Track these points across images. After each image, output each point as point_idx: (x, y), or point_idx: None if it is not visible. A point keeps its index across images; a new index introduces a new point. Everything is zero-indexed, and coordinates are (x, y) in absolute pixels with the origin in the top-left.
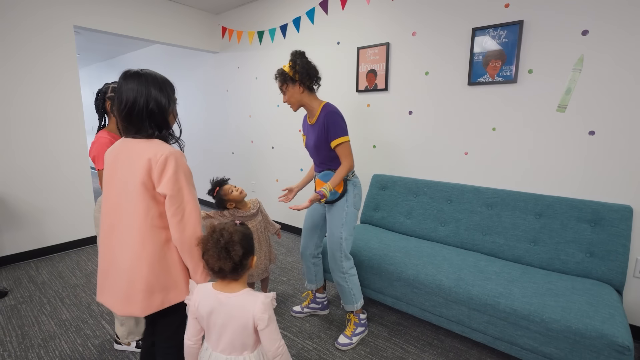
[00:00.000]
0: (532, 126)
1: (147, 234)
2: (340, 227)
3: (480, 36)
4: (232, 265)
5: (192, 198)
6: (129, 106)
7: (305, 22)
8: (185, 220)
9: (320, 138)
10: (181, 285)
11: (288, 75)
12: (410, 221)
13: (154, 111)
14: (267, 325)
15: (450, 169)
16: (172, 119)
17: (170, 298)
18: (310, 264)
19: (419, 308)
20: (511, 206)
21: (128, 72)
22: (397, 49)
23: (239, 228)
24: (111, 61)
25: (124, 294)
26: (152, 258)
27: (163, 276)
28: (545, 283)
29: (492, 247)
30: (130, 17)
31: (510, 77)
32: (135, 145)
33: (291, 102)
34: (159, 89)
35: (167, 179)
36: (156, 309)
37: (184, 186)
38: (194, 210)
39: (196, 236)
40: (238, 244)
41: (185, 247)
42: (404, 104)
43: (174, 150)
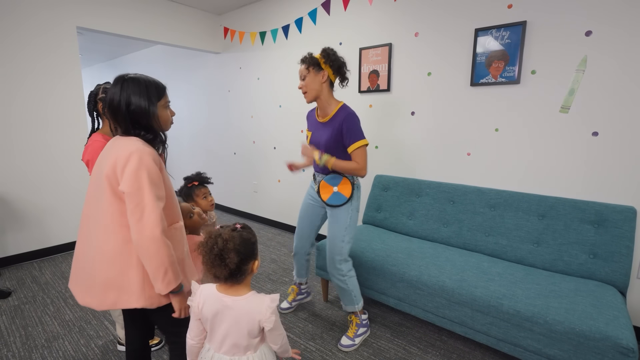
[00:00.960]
0: (535, 127)
1: (110, 229)
2: (344, 230)
3: (483, 37)
4: (228, 272)
5: (153, 199)
6: (112, 109)
7: (308, 22)
8: (143, 221)
9: (335, 139)
10: (135, 290)
11: (316, 60)
12: (413, 222)
13: (136, 113)
14: (274, 327)
15: (453, 169)
16: (157, 123)
17: (123, 300)
18: (303, 261)
19: (421, 309)
20: (514, 207)
21: (116, 78)
22: (399, 50)
23: (235, 234)
24: (113, 62)
25: (85, 284)
26: (112, 254)
27: (120, 276)
28: (549, 284)
29: (495, 248)
30: (132, 18)
31: (513, 78)
32: (116, 142)
33: (308, 90)
34: (139, 93)
35: (126, 176)
36: (109, 307)
37: (145, 185)
38: (153, 211)
39: (155, 239)
40: (233, 252)
41: (143, 250)
42: (406, 104)
43: (143, 148)
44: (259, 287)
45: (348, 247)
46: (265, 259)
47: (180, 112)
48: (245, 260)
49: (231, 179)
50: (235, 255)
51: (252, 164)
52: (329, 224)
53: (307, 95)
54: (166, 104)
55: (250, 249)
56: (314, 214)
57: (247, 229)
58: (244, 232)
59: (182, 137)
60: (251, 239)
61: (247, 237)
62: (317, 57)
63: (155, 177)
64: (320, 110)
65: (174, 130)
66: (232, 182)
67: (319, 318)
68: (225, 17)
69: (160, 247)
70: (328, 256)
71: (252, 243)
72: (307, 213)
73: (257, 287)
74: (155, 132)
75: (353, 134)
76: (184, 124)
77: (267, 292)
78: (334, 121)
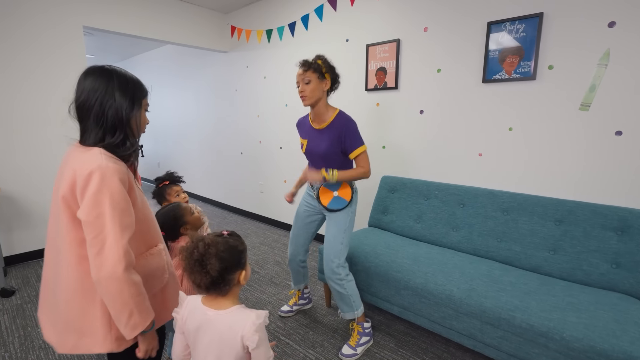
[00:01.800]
0: (553, 126)
1: (67, 260)
2: (342, 232)
3: (496, 31)
4: (209, 281)
5: (116, 229)
6: (80, 104)
7: (314, 19)
8: (103, 256)
9: (335, 144)
10: (99, 334)
11: (320, 67)
12: (420, 225)
13: (110, 112)
14: (257, 347)
15: (463, 171)
16: (135, 125)
17: (84, 345)
18: (299, 269)
19: (427, 319)
20: (529, 211)
21: (90, 68)
22: (407, 46)
23: (220, 239)
24: (125, 62)
25: (50, 318)
26: (70, 291)
27: (80, 316)
28: (566, 296)
29: (508, 255)
30: (139, 17)
31: (529, 73)
32: (74, 153)
33: (309, 95)
34: (124, 88)
35: (85, 200)
36: (69, 351)
37: (106, 211)
38: (116, 244)
39: (116, 278)
40: (214, 257)
41: (102, 290)
42: (414, 102)
43: (105, 165)
44: (260, 290)
45: (346, 250)
46: (269, 261)
47: (189, 113)
48: (229, 269)
49: (238, 179)
50: (217, 261)
51: (259, 164)
52: (328, 227)
53: (307, 99)
54: (147, 106)
55: (237, 258)
56: (309, 221)
57: (234, 236)
58: (231, 239)
59: (192, 138)
60: (238, 246)
61: (234, 244)
62: (320, 65)
63: (121, 201)
64: (316, 116)
65: (183, 131)
66: (239, 183)
67: (320, 324)
68: (232, 16)
69: (122, 287)
70: (326, 260)
71: (239, 251)
72: (303, 220)
73: (259, 290)
74: (126, 134)
75: (355, 140)
76: (192, 125)
77: (269, 295)
78: (333, 127)
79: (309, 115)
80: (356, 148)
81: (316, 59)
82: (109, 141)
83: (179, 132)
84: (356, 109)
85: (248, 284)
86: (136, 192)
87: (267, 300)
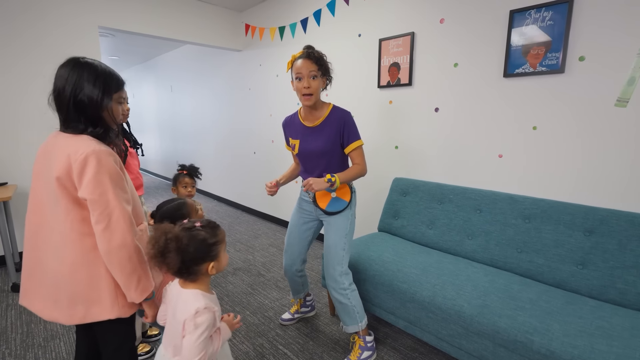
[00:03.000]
0: (583, 124)
1: (69, 238)
2: (343, 237)
3: (519, 20)
4: (173, 270)
5: (120, 202)
6: (56, 94)
7: (326, 14)
8: (111, 228)
9: (332, 141)
10: (106, 302)
11: (326, 64)
12: (433, 232)
13: (84, 103)
14: (189, 333)
15: (481, 173)
16: (108, 117)
17: (94, 314)
18: (296, 278)
19: (434, 336)
20: (554, 219)
21: (66, 61)
22: (422, 39)
23: (185, 234)
24: (148, 63)
25: (50, 297)
26: (74, 266)
27: (86, 288)
28: (595, 319)
29: (529, 267)
30: (155, 17)
31: (557, 66)
32: (62, 140)
33: (315, 92)
34: (93, 80)
35: (87, 182)
36: (79, 321)
37: (109, 189)
38: (122, 216)
39: (126, 246)
40: (174, 252)
41: (113, 260)
42: (429, 100)
43: (98, 149)
44: (264, 295)
45: (347, 257)
46: (276, 263)
47: (205, 112)
48: (193, 261)
49: (251, 179)
50: (176, 256)
51: (271, 163)
52: (327, 232)
53: (312, 98)
54: (121, 99)
55: (204, 251)
56: (305, 227)
57: (208, 227)
58: (202, 232)
59: (208, 137)
60: (208, 239)
61: (203, 237)
62: (325, 59)
63: (119, 179)
64: (310, 114)
65: (200, 130)
66: (251, 182)
67: (322, 334)
68: (246, 14)
69: (132, 253)
70: (327, 268)
71: (209, 245)
72: (298, 228)
73: (263, 295)
74: (107, 126)
75: (353, 133)
76: (209, 124)
77: (272, 300)
78: (329, 122)
79: (298, 114)
80: (353, 142)
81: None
82: (92, 131)
83: (196, 131)
84: (368, 107)
85: (251, 287)
86: (125, 173)
87: (269, 306)
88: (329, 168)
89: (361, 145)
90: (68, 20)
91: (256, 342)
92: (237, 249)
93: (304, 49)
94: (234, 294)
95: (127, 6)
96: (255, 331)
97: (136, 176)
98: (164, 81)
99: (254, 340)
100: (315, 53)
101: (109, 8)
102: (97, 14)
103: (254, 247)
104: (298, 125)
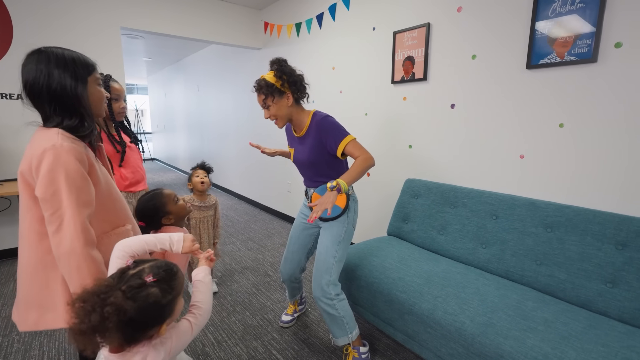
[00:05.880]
0: (619, 121)
1: (28, 238)
2: (336, 244)
3: (545, 3)
4: (114, 350)
5: (73, 204)
6: (28, 89)
7: (341, 8)
8: (61, 233)
9: (317, 150)
10: (60, 309)
11: (275, 87)
12: (444, 238)
13: (58, 94)
14: None
15: (500, 175)
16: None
17: (47, 320)
18: (295, 285)
19: (433, 353)
20: (580, 229)
21: (28, 53)
22: (438, 30)
23: (128, 305)
24: (178, 64)
25: (15, 299)
26: (31, 267)
27: (40, 292)
28: (623, 348)
29: (549, 282)
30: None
31: (588, 54)
32: (35, 135)
33: (278, 117)
34: (63, 67)
35: (40, 178)
36: (31, 327)
37: (62, 188)
38: (73, 220)
39: (74, 254)
40: (114, 330)
41: (62, 265)
42: (445, 95)
43: (59, 144)
44: (267, 296)
45: (338, 267)
46: None
47: (228, 111)
48: (141, 329)
49: (268, 177)
50: (117, 333)
51: (287, 162)
52: (320, 238)
53: (278, 122)
54: (97, 80)
55: (156, 314)
56: (306, 234)
57: (163, 281)
58: (153, 291)
59: (230, 136)
60: (161, 300)
61: (155, 298)
62: (272, 82)
63: (78, 178)
64: (296, 126)
65: (223, 129)
66: (268, 181)
67: (319, 341)
68: (265, 12)
69: (81, 263)
70: (315, 275)
71: (161, 306)
72: (299, 234)
73: (266, 296)
74: (82, 115)
75: (335, 135)
76: (231, 123)
77: (274, 302)
78: (311, 132)
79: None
80: (340, 142)
81: (269, 72)
82: (67, 123)
83: (220, 129)
84: (381, 104)
85: (256, 288)
86: (98, 172)
87: (270, 307)
88: (322, 174)
89: (352, 140)
90: (90, 19)
91: (250, 346)
92: (249, 248)
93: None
94: (237, 294)
95: (149, 7)
96: (252, 333)
97: (135, 170)
98: (192, 81)
99: (249, 343)
100: (262, 82)
101: (131, 9)
102: (119, 14)
103: (265, 246)
104: (291, 133)
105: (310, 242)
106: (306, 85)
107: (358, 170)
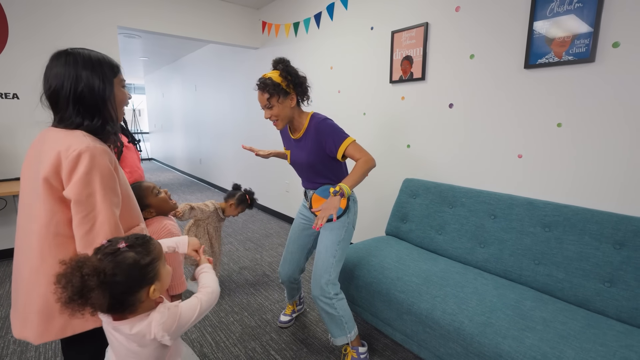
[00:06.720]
0: (617, 121)
1: (47, 243)
2: (336, 244)
3: (543, 2)
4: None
5: (107, 206)
6: (52, 91)
7: (339, 8)
8: (94, 234)
9: (316, 153)
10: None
11: (281, 87)
12: (443, 237)
13: (85, 95)
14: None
15: (498, 175)
16: (112, 105)
17: (75, 325)
18: (294, 286)
19: (432, 353)
20: (578, 229)
21: (54, 55)
22: (436, 30)
23: (107, 264)
24: (175, 63)
25: (20, 313)
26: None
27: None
28: (621, 347)
29: (547, 282)
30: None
31: (586, 54)
32: (53, 135)
33: (280, 118)
34: (91, 68)
35: (75, 180)
36: (55, 337)
37: (97, 190)
38: (107, 221)
39: None
40: (97, 289)
41: None
42: (443, 95)
43: (94, 145)
44: (265, 296)
45: (338, 267)
46: None
47: (225, 111)
48: (128, 291)
49: (266, 177)
50: (101, 293)
51: (284, 162)
52: (320, 238)
53: (278, 123)
54: (122, 82)
55: (138, 275)
56: (305, 234)
57: (137, 246)
58: (130, 254)
59: (227, 136)
60: (140, 261)
61: (133, 259)
62: (278, 82)
63: (110, 180)
64: (294, 128)
65: (221, 129)
66: (266, 181)
67: (318, 342)
68: (263, 11)
69: None
70: (314, 275)
71: (142, 266)
72: (298, 235)
73: (264, 296)
74: (105, 117)
75: (335, 138)
76: (228, 123)
77: (272, 302)
78: (308, 135)
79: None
80: (340, 145)
81: (273, 71)
82: (87, 124)
83: (217, 129)
84: (379, 104)
85: (254, 288)
86: (119, 172)
87: (269, 308)
88: (321, 176)
89: (352, 142)
90: (87, 19)
91: (249, 346)
92: (247, 248)
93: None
94: (236, 294)
95: (146, 6)
96: (250, 334)
97: (133, 170)
98: (189, 81)
99: (247, 344)
100: (267, 80)
101: (128, 8)
102: (116, 13)
103: (263, 246)
104: (287, 136)
105: (309, 242)
106: (309, 87)
107: (360, 173)
